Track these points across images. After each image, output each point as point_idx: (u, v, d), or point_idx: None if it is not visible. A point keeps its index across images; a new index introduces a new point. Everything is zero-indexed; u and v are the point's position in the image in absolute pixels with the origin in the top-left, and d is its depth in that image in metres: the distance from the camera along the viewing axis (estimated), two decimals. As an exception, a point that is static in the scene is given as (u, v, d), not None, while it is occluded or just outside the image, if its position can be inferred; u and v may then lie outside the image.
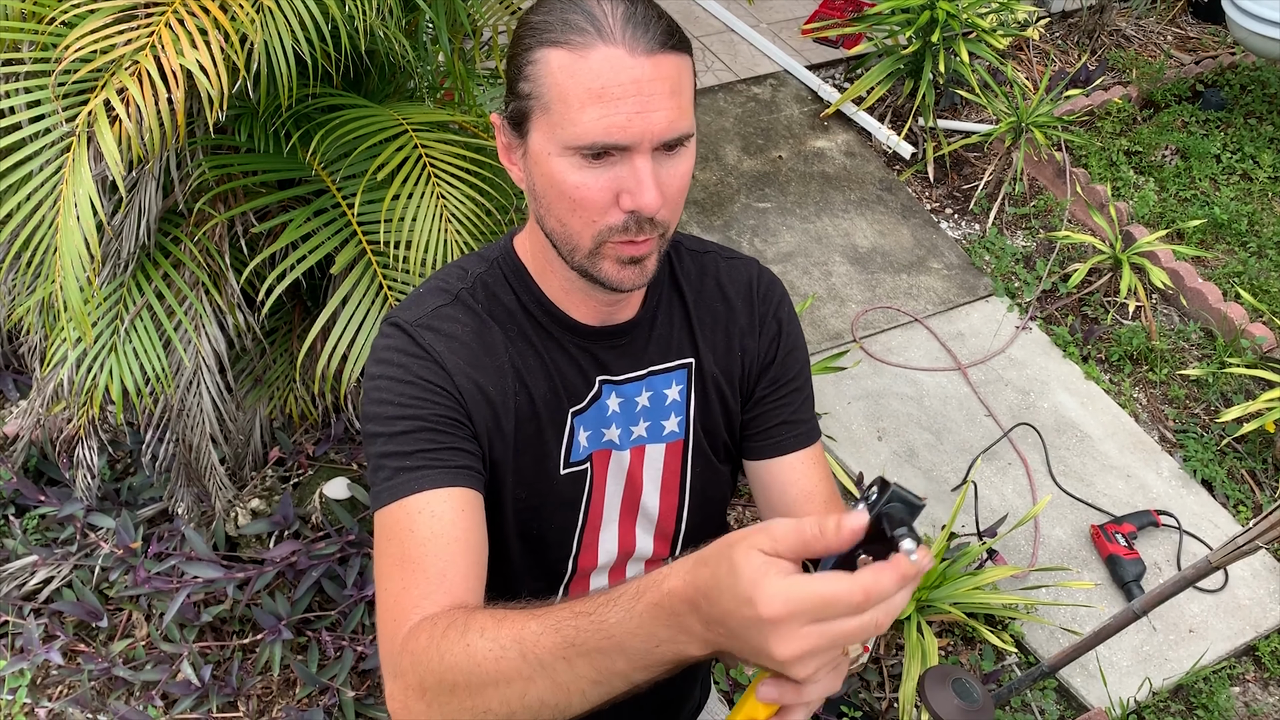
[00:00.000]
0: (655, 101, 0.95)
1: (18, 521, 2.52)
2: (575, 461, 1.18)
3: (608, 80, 0.94)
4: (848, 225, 3.87)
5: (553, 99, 0.96)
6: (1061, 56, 4.78)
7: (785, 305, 1.27)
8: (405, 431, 1.03)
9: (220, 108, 1.73)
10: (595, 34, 0.94)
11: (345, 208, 2.12)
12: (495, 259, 1.17)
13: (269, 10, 1.76)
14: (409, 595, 0.95)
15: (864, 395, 3.27)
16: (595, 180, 0.97)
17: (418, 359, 1.07)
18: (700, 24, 4.80)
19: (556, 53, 0.96)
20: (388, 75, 2.36)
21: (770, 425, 1.25)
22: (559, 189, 0.99)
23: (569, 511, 1.20)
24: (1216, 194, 4.11)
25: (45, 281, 1.92)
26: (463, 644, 0.84)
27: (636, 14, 0.96)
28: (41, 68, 1.84)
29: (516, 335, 1.14)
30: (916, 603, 2.45)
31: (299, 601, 2.36)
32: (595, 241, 1.01)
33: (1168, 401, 3.40)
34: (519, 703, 0.81)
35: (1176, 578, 1.90)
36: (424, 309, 1.11)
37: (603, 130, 0.95)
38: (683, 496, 1.25)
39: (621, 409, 1.19)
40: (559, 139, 0.97)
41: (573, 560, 1.23)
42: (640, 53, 0.95)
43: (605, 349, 1.17)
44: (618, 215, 0.99)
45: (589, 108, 0.94)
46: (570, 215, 1.00)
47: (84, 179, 1.73)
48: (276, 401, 2.48)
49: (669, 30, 0.98)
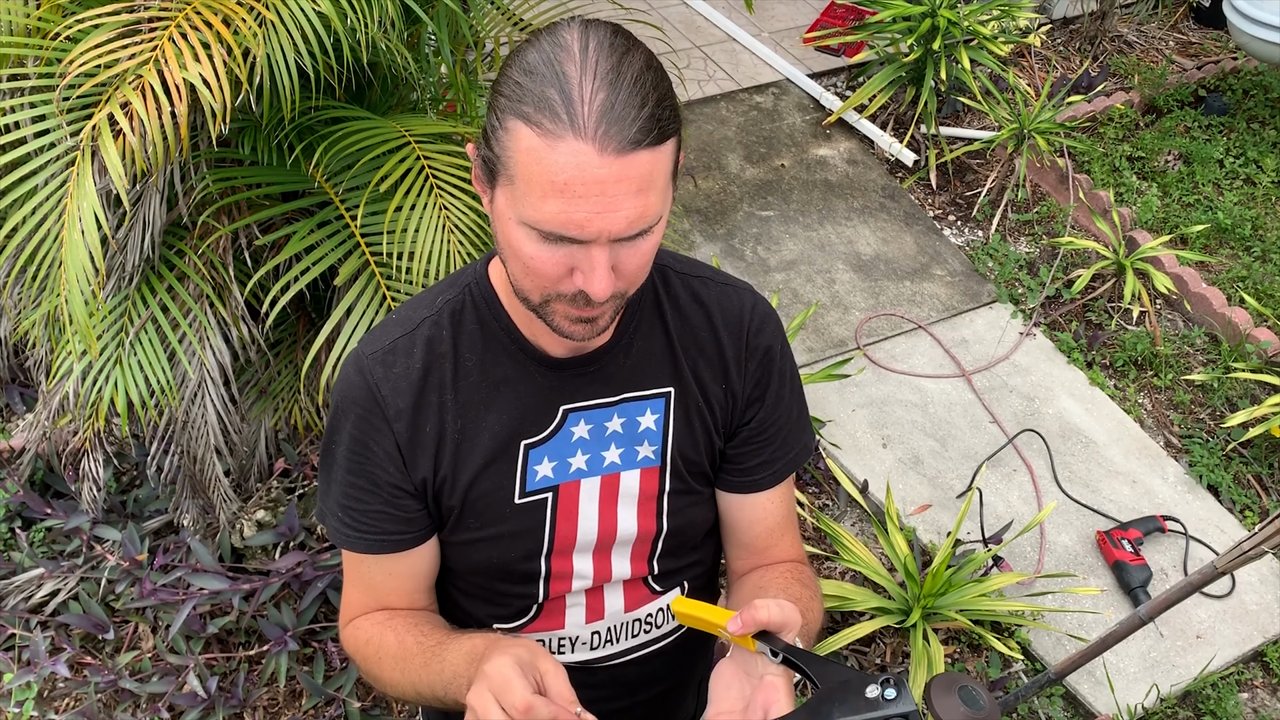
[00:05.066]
0: (618, 202, 0.92)
1: (24, 534, 2.53)
2: (531, 491, 1.18)
3: (571, 177, 0.91)
4: (851, 233, 3.88)
5: (517, 176, 0.94)
6: (1063, 63, 4.79)
7: (778, 339, 1.24)
8: (362, 489, 1.17)
9: (223, 121, 1.74)
10: (568, 124, 0.90)
11: (349, 219, 2.13)
12: (468, 284, 1.17)
13: (271, 24, 1.77)
14: (361, 604, 1.26)
15: (868, 402, 3.27)
16: (550, 255, 0.97)
17: (368, 414, 1.14)
18: (702, 33, 4.81)
19: (527, 131, 0.92)
20: (390, 87, 2.37)
21: (750, 465, 1.26)
22: (515, 252, 0.99)
23: (530, 540, 1.20)
24: (1220, 199, 4.11)
25: (50, 295, 1.92)
26: (377, 638, 1.21)
27: (616, 106, 0.90)
28: (46, 82, 1.85)
29: (475, 366, 1.14)
30: (923, 610, 2.45)
31: (305, 612, 2.36)
32: (543, 299, 1.02)
33: (1173, 407, 3.40)
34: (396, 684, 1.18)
35: (1183, 583, 1.90)
36: (383, 342, 1.16)
37: (560, 224, 0.93)
38: (660, 520, 1.24)
39: (591, 435, 1.18)
40: (519, 214, 0.96)
41: (543, 584, 1.23)
42: (610, 152, 0.90)
43: (574, 376, 1.16)
44: (569, 286, 0.99)
45: (550, 199, 0.92)
46: (523, 276, 1.01)
47: (88, 192, 1.73)
48: (281, 413, 2.49)
49: (649, 123, 0.92)
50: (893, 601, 2.53)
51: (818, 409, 3.18)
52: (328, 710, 2.34)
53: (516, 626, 1.28)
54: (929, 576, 2.48)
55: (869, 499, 2.96)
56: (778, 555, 1.31)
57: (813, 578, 1.30)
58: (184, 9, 1.78)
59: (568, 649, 1.30)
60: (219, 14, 1.77)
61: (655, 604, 1.31)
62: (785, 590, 1.20)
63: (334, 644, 2.37)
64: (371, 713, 2.31)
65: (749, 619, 0.97)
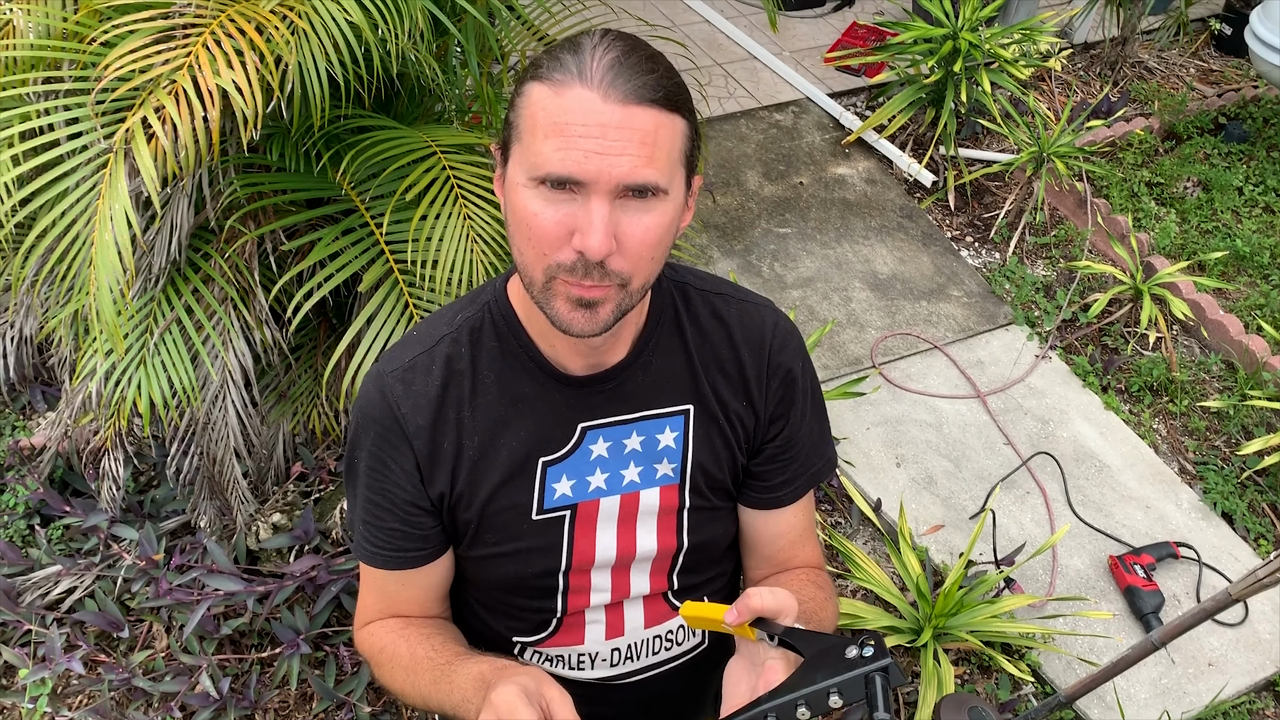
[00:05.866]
0: (618, 146, 0.95)
1: (43, 531, 2.55)
2: (549, 509, 1.18)
3: (573, 118, 0.95)
4: (868, 251, 3.89)
5: (524, 129, 0.99)
6: (1083, 87, 4.80)
7: (800, 357, 1.25)
8: (380, 506, 1.19)
9: (254, 127, 1.76)
10: (575, 75, 0.96)
11: (374, 227, 2.15)
12: (487, 302, 1.18)
13: (304, 33, 1.80)
14: (376, 609, 1.29)
15: (883, 421, 3.27)
16: (551, 213, 0.98)
17: (388, 432, 1.16)
18: (724, 51, 4.84)
19: (539, 87, 0.98)
20: (417, 98, 2.40)
21: (774, 481, 1.27)
22: (518, 216, 1.01)
23: (548, 556, 1.21)
24: (1239, 226, 4.11)
25: (79, 294, 1.95)
26: (391, 646, 1.24)
27: (625, 64, 0.97)
28: (81, 86, 1.88)
29: (494, 383, 1.15)
30: (934, 630, 2.45)
31: (318, 616, 2.37)
32: (546, 275, 1.01)
33: (1188, 433, 3.39)
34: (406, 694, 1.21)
35: (1195, 610, 1.89)
36: (402, 360, 1.17)
37: (558, 162, 0.95)
38: (680, 536, 1.25)
39: (609, 453, 1.19)
40: (524, 168, 0.99)
41: (561, 599, 1.24)
42: (614, 100, 0.95)
43: (592, 394, 1.17)
44: (569, 253, 0.99)
45: (550, 139, 0.96)
46: (526, 244, 1.01)
47: (120, 194, 1.76)
48: (300, 417, 2.51)
49: (657, 86, 0.97)
50: (904, 621, 2.53)
51: (832, 426, 3.17)
52: (338, 714, 2.35)
53: (536, 640, 1.29)
54: (940, 596, 2.48)
55: (882, 517, 2.96)
56: (796, 565, 1.32)
57: (828, 581, 1.32)
58: (219, 16, 1.81)
59: (588, 665, 1.31)
60: (253, 21, 1.79)
61: (675, 620, 1.32)
62: (799, 592, 1.21)
63: (346, 648, 2.38)
64: (381, 718, 2.32)
65: (743, 607, 0.99)
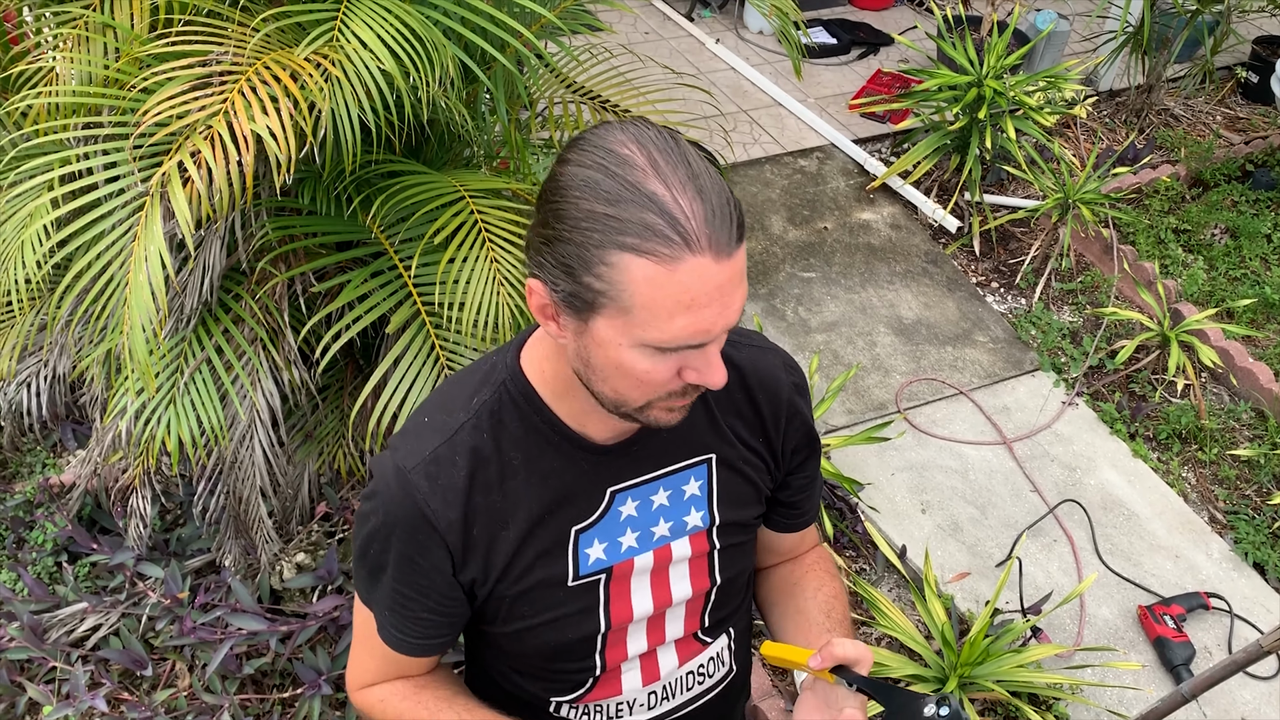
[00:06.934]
0: (732, 298, 0.96)
1: (70, 568, 2.57)
2: (585, 575, 1.18)
3: (697, 292, 0.93)
4: (893, 296, 3.89)
5: (636, 306, 0.94)
6: (1109, 134, 4.81)
7: (807, 400, 1.30)
8: (409, 598, 1.17)
9: (287, 171, 1.80)
10: (683, 244, 0.91)
11: (402, 270, 2.18)
12: (503, 381, 1.15)
13: (337, 80, 1.84)
14: (378, 671, 1.26)
15: (908, 467, 3.25)
16: (666, 366, 0.99)
17: (417, 531, 1.12)
18: (749, 98, 4.89)
19: (641, 263, 0.91)
20: (446, 143, 2.44)
21: (801, 509, 1.36)
22: (624, 371, 1.00)
23: (586, 622, 1.21)
24: (1267, 273, 4.08)
25: (113, 334, 1.98)
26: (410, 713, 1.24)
27: (715, 209, 0.92)
28: (120, 131, 1.93)
29: (522, 464, 1.14)
30: (959, 679, 2.42)
31: (339, 657, 2.37)
32: (646, 403, 1.04)
33: (1218, 482, 3.35)
34: None
35: (1226, 661, 1.87)
36: (422, 453, 1.13)
37: (689, 336, 0.95)
38: (713, 576, 1.26)
39: (639, 511, 1.19)
40: (637, 338, 0.96)
41: (600, 657, 1.25)
42: (724, 257, 0.93)
43: (617, 458, 1.17)
44: (677, 384, 1.02)
45: (678, 317, 0.94)
46: (631, 390, 1.02)
47: (155, 236, 1.79)
48: (326, 457, 2.53)
49: (738, 216, 0.95)
50: (929, 669, 2.50)
51: (857, 471, 3.17)
52: (358, 756, 2.34)
53: (574, 698, 1.29)
54: (966, 645, 2.45)
55: (907, 564, 2.93)
56: (804, 551, 1.44)
57: (830, 562, 1.41)
58: (255, 64, 1.85)
59: (626, 713, 1.31)
60: (288, 69, 1.83)
61: (706, 654, 1.33)
62: (829, 613, 1.31)
63: (367, 690, 2.37)
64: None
65: (828, 655, 1.12)
